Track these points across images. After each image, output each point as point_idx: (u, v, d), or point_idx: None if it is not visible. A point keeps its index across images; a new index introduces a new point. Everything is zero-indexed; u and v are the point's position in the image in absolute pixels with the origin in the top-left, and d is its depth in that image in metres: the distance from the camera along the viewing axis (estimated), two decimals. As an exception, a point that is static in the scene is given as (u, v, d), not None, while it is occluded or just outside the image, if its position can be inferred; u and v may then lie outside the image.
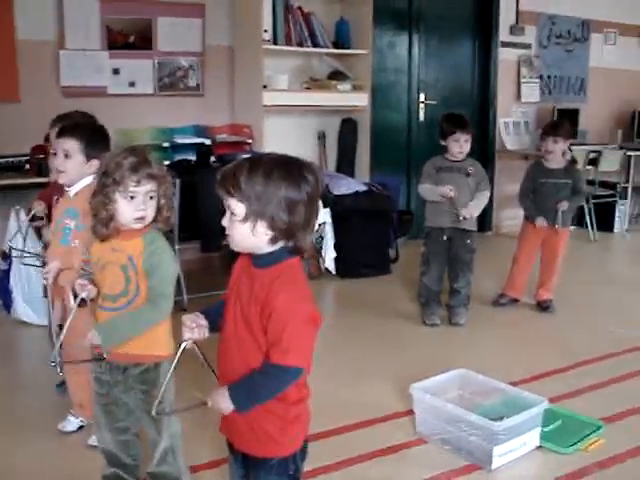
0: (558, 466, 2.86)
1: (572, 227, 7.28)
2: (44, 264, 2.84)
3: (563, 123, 5.05)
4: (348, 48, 6.08)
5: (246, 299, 1.77)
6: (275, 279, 1.72)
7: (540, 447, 2.97)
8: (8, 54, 4.89)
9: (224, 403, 1.75)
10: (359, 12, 6.06)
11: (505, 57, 7.40)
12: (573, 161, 4.94)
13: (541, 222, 4.74)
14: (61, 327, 2.52)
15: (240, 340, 1.78)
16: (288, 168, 1.73)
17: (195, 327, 1.83)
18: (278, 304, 1.69)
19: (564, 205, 4.69)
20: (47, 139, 3.45)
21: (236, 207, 1.71)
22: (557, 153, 4.77)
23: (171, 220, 2.28)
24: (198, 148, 5.30)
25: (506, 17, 7.34)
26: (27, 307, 4.39)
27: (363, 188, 5.73)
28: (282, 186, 1.70)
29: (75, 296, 2.26)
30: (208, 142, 5.44)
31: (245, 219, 1.71)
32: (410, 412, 3.16)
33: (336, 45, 6.07)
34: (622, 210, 7.61)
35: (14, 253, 3.85)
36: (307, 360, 1.76)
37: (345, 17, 6.13)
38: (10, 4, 4.85)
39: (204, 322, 1.85)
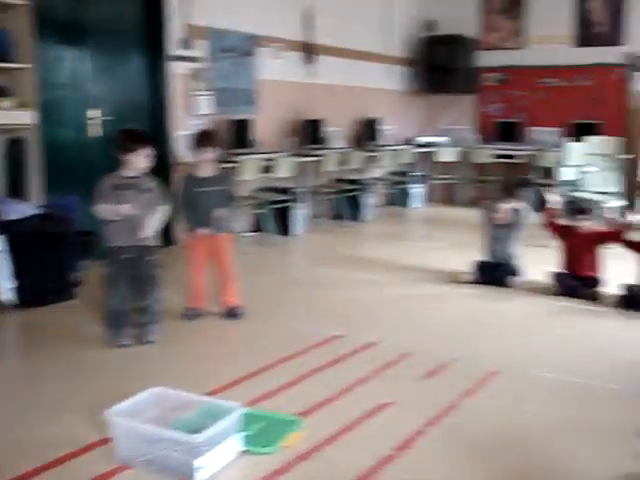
0: (262, 466, 2.89)
1: (252, 233, 7.59)
2: None
3: (212, 132, 5.17)
4: (9, 62, 5.68)
5: None
6: None
7: (244, 452, 2.99)
8: None
9: None
10: (18, 23, 5.68)
11: (177, 70, 7.43)
12: (225, 168, 5.09)
13: (201, 232, 4.84)
14: None
15: None
16: None
17: None
18: None
19: (220, 213, 4.82)
20: None
21: None
22: (209, 162, 4.88)
23: None
24: None
25: (175, 31, 7.37)
26: None
27: (37, 211, 5.39)
28: None
29: None
30: None
31: None
32: (108, 439, 3.01)
33: (-4, 59, 5.65)
34: (299, 214, 8.02)
35: None
36: None
37: (4, 29, 5.71)
38: None
39: None
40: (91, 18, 6.71)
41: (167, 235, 6.86)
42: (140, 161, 4.30)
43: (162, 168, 7.00)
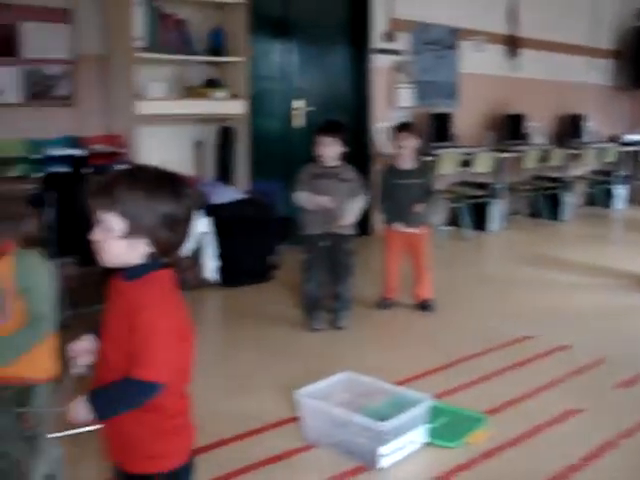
0: (446, 460, 2.91)
1: (448, 227, 7.56)
2: None
3: (413, 124, 5.19)
4: (224, 55, 6.04)
5: (113, 312, 1.72)
6: (142, 292, 1.66)
7: (428, 444, 3.02)
8: None
9: (81, 410, 1.67)
10: (234, 19, 6.03)
11: (380, 63, 7.54)
12: (424, 161, 5.04)
13: (396, 227, 4.87)
14: None
15: (108, 354, 1.72)
16: (169, 183, 1.67)
17: (80, 355, 1.76)
18: (143, 317, 1.63)
19: (419, 208, 4.80)
20: None
21: (114, 222, 1.63)
22: (408, 149, 4.87)
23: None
24: (71, 159, 5.12)
25: (379, 24, 7.49)
26: None
27: (243, 196, 5.71)
28: (165, 202, 1.64)
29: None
30: (82, 153, 5.26)
31: (125, 236, 1.64)
32: (297, 418, 3.15)
33: (212, 52, 6.01)
34: (496, 210, 7.89)
35: None
36: (171, 374, 1.69)
37: (220, 24, 6.08)
38: None
39: (90, 345, 1.78)
40: (299, 13, 6.97)
41: (364, 225, 6.99)
42: (321, 149, 4.39)
43: (362, 159, 7.17)
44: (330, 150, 4.37)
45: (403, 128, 4.92)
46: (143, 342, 1.63)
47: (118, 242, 1.65)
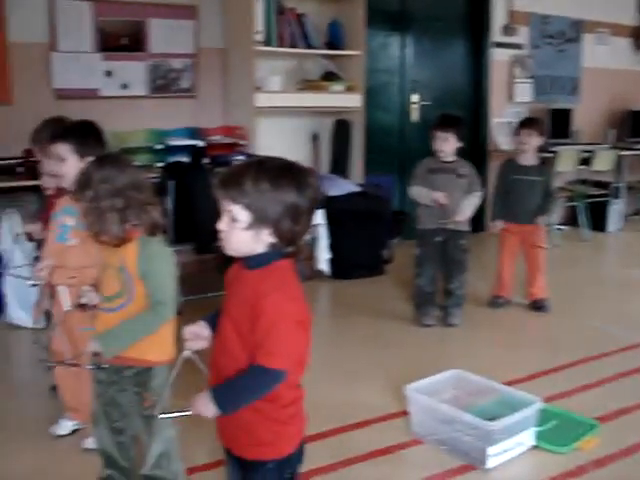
0: (553, 465, 2.86)
1: (564, 226, 7.36)
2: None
3: (537, 119, 5.08)
4: (341, 49, 6.08)
5: (235, 300, 1.76)
6: (265, 280, 1.70)
7: (536, 447, 2.97)
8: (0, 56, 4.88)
9: (206, 407, 1.73)
10: (352, 13, 6.06)
11: (498, 57, 7.41)
12: (544, 158, 4.91)
13: (499, 224, 4.81)
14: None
15: (229, 342, 1.76)
16: (293, 175, 1.70)
17: (193, 339, 1.82)
18: (266, 306, 1.66)
19: (542, 220, 4.74)
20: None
21: (240, 214, 1.68)
22: (531, 146, 4.76)
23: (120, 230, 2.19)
24: (191, 150, 5.29)
25: (498, 17, 7.36)
26: (21, 311, 4.37)
27: (357, 189, 5.74)
28: (289, 193, 1.67)
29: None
30: (201, 144, 5.43)
31: (249, 227, 1.68)
32: (405, 413, 3.16)
33: (329, 46, 6.07)
34: (615, 209, 7.62)
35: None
36: (293, 363, 1.73)
37: (338, 18, 6.12)
38: (1, 6, 4.84)
39: (205, 332, 1.84)
40: (415, 6, 6.92)
41: (478, 221, 6.88)
42: (437, 144, 4.36)
43: (478, 154, 7.08)
44: (447, 145, 4.35)
45: (527, 124, 4.82)
46: (267, 329, 1.67)
47: (243, 232, 1.70)
